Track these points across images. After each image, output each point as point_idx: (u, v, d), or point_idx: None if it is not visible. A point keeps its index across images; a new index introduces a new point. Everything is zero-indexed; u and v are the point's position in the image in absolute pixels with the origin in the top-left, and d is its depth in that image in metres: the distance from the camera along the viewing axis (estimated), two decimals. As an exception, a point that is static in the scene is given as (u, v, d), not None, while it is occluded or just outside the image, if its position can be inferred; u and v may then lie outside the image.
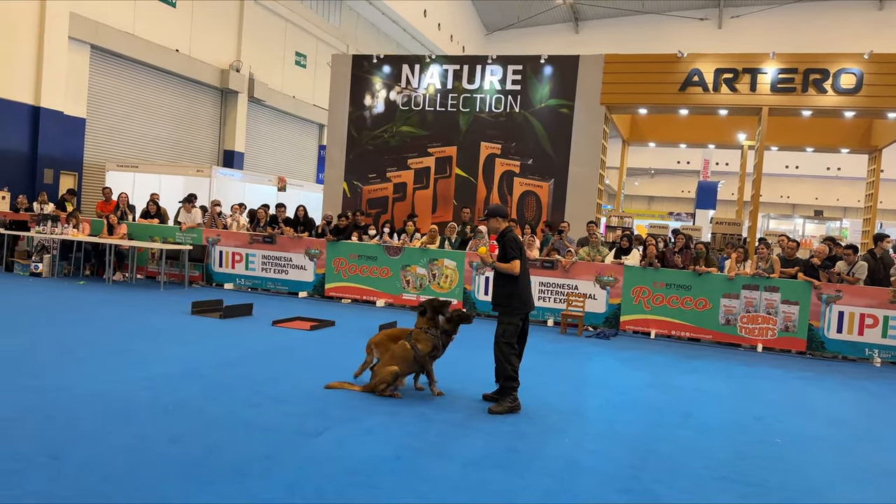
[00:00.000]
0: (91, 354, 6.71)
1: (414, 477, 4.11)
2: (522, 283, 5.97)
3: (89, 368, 6.15)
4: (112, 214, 12.92)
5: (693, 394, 6.98)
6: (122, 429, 4.60)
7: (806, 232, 28.76)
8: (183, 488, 3.71)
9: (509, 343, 5.84)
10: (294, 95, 24.41)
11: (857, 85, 11.79)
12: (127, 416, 4.86)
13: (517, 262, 5.90)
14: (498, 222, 6.13)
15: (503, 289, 5.96)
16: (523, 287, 5.97)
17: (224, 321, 9.18)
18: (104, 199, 14.08)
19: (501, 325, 5.91)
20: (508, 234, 6.04)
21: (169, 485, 3.75)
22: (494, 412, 5.63)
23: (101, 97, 17.38)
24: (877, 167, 14.58)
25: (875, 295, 9.75)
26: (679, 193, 43.62)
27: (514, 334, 5.87)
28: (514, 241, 5.98)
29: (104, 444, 4.31)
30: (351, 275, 12.12)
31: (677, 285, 10.41)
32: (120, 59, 17.67)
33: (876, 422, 6.48)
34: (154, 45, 18.21)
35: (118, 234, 12.69)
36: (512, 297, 5.90)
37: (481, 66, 13.71)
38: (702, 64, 12.55)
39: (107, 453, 4.15)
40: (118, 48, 17.26)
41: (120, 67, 17.78)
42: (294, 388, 5.96)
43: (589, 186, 13.05)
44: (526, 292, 6.00)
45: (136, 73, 18.24)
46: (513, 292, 5.91)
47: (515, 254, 5.91)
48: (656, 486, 4.28)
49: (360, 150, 14.40)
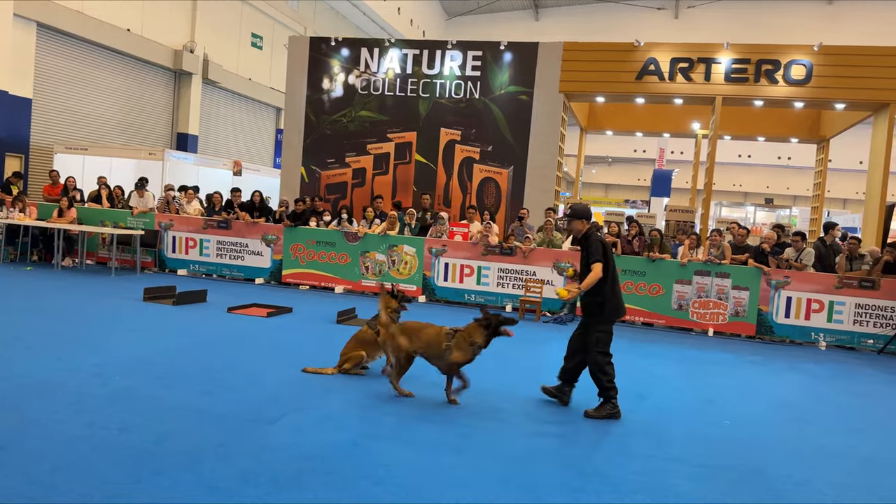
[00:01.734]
0: (39, 342, 6.53)
1: (370, 462, 4.12)
2: (612, 287, 5.56)
3: (37, 356, 5.99)
4: (63, 198, 12.54)
5: (646, 378, 7.13)
6: (71, 418, 4.50)
7: (757, 220, 29.47)
8: (134, 476, 3.65)
9: (603, 352, 5.51)
10: (250, 78, 23.97)
11: (806, 76, 12.08)
12: (77, 405, 4.75)
13: (599, 265, 5.43)
14: (582, 224, 5.67)
15: (593, 297, 5.55)
16: (614, 292, 5.57)
17: (177, 308, 9.02)
18: (51, 183, 13.67)
19: (594, 333, 5.54)
20: (592, 235, 5.59)
21: (120, 473, 3.68)
22: (590, 416, 5.44)
23: (49, 77, 16.80)
24: (825, 157, 14.99)
25: (821, 281, 10.07)
26: (635, 182, 44.22)
27: (607, 343, 5.56)
28: (596, 244, 5.53)
29: (53, 433, 4.20)
30: (309, 261, 12.01)
31: (632, 271, 10.59)
32: (69, 38, 17.09)
33: (820, 404, 6.71)
34: (105, 24, 17.65)
35: (67, 219, 12.34)
36: (604, 306, 5.54)
37: (441, 52, 13.64)
38: (658, 53, 12.71)
39: (56, 443, 4.05)
40: (66, 26, 16.69)
41: (68, 46, 17.20)
42: (249, 376, 5.90)
43: (547, 174, 13.14)
44: (617, 297, 5.60)
45: (85, 52, 17.68)
46: (604, 300, 5.52)
47: (598, 257, 5.46)
48: (610, 467, 4.36)
49: (318, 134, 14.23)
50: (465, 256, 11.38)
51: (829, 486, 4.34)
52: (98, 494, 3.42)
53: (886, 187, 11.91)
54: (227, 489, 3.59)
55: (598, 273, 5.41)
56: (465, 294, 11.39)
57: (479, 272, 11.30)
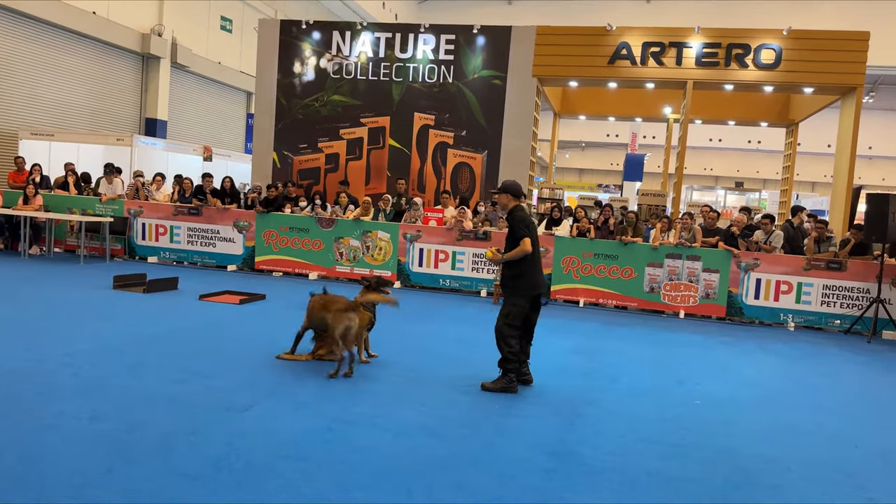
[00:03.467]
0: (7, 331, 6.41)
1: (345, 447, 4.11)
2: (532, 263, 5.65)
3: (5, 346, 5.87)
4: (30, 185, 12.27)
5: (618, 359, 7.21)
6: (40, 407, 4.42)
7: (727, 203, 29.80)
8: (105, 465, 3.61)
9: (511, 325, 5.57)
10: (220, 62, 23.58)
11: (776, 60, 12.20)
12: (46, 395, 4.68)
13: (527, 240, 5.53)
14: (508, 199, 5.74)
15: (509, 269, 5.68)
16: (532, 269, 5.66)
17: (148, 296, 8.91)
18: (17, 169, 13.37)
19: (506, 306, 5.64)
20: (517, 212, 5.69)
21: (90, 462, 3.63)
22: (487, 388, 5.53)
23: (12, 61, 16.36)
24: (794, 140, 15.19)
25: (790, 263, 10.24)
26: (608, 166, 44.46)
27: (518, 316, 5.59)
28: (523, 220, 5.64)
29: (21, 423, 4.14)
30: (282, 247, 11.92)
31: (605, 255, 10.67)
32: (32, 21, 16.63)
33: (788, 383, 6.84)
34: (69, 6, 17.21)
35: (33, 206, 12.09)
36: (518, 279, 5.62)
37: (414, 35, 13.54)
38: (630, 37, 12.74)
39: (24, 433, 3.99)
40: (28, 9, 16.24)
41: (32, 29, 16.75)
42: (222, 363, 5.85)
43: (521, 158, 13.15)
44: (535, 273, 5.70)
45: (49, 35, 17.23)
46: (519, 273, 5.62)
47: (525, 232, 5.56)
48: (582, 448, 4.41)
49: (290, 119, 14.07)
50: (440, 242, 11.37)
51: (797, 464, 4.43)
52: (67, 485, 3.38)
53: (853, 170, 12.12)
54: (200, 476, 3.57)
55: (526, 246, 5.53)
56: (440, 279, 11.40)
57: (453, 257, 11.31)
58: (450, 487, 3.67)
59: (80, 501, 3.23)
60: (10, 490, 3.29)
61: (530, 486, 3.77)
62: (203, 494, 3.38)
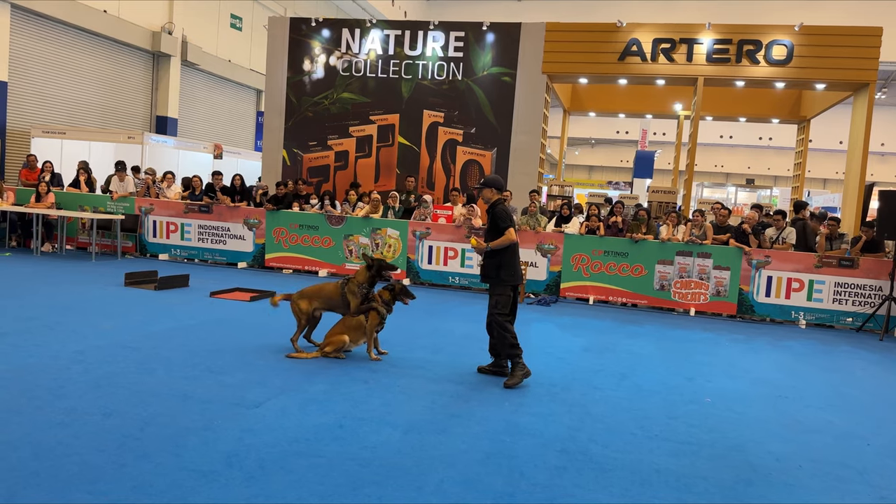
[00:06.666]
0: (19, 328, 6.47)
1: (355, 444, 4.13)
2: (511, 254, 5.95)
3: (18, 342, 5.93)
4: (42, 182, 12.36)
5: (629, 357, 7.19)
6: (53, 404, 4.46)
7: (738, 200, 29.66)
8: (118, 461, 3.64)
9: (503, 314, 5.86)
10: (230, 59, 23.66)
11: (787, 56, 12.12)
12: (58, 391, 4.72)
13: (512, 230, 5.85)
14: (491, 193, 6.01)
15: (492, 260, 5.93)
16: (512, 260, 5.95)
17: (159, 293, 8.96)
18: (28, 167, 13.47)
19: (493, 296, 5.91)
20: (499, 205, 5.96)
21: (103, 458, 3.67)
22: (510, 386, 5.65)
23: (25, 59, 16.47)
24: (805, 137, 15.09)
25: (801, 260, 10.18)
26: (618, 163, 44.33)
27: (506, 305, 5.89)
28: (504, 212, 5.93)
29: (34, 418, 4.17)
30: (292, 244, 11.96)
31: (615, 252, 10.65)
32: (44, 20, 16.74)
33: (799, 381, 6.80)
34: (80, 4, 17.31)
35: (45, 204, 12.17)
36: (501, 269, 5.89)
37: (423, 32, 13.53)
38: (640, 34, 12.69)
39: (37, 428, 4.02)
40: (41, 7, 16.34)
41: (44, 28, 16.86)
42: (233, 360, 5.88)
43: (531, 155, 13.13)
44: (515, 263, 5.98)
45: (61, 34, 17.34)
46: (501, 263, 5.89)
47: (508, 223, 5.87)
48: (592, 445, 4.41)
49: (299, 116, 14.10)
50: (449, 239, 11.37)
51: (807, 461, 4.41)
52: (80, 479, 3.41)
53: (866, 167, 12.03)
54: (212, 472, 3.59)
55: (511, 236, 5.83)
56: (449, 277, 11.40)
57: (462, 255, 11.31)
58: (460, 484, 3.68)
59: (92, 496, 3.26)
60: (25, 485, 3.32)
61: (540, 484, 3.77)
62: (214, 490, 3.41)
